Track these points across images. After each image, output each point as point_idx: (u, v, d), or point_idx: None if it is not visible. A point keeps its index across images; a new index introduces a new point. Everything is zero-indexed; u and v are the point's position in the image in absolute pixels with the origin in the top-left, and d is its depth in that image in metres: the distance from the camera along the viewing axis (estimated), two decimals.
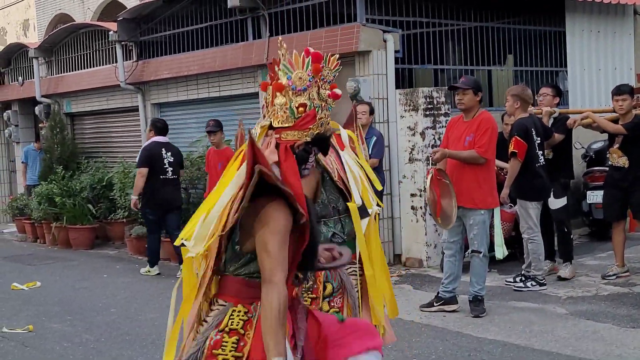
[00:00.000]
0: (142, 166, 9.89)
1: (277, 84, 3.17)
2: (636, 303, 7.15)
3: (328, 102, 3.19)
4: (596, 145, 10.73)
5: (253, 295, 3.05)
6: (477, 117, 7.07)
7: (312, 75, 3.16)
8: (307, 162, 3.17)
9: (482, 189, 6.95)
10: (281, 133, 3.14)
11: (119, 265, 11.04)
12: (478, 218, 6.93)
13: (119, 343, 6.88)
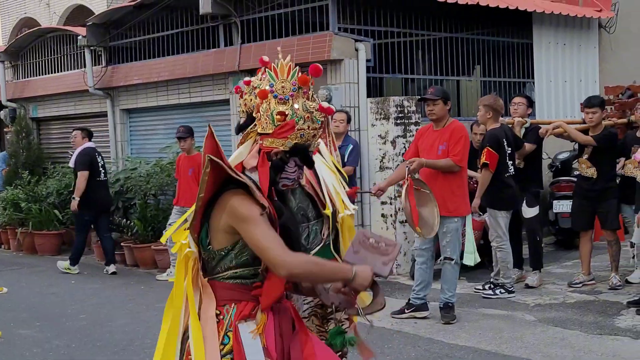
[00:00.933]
0: (84, 169, 10.40)
1: (262, 91, 3.20)
2: (602, 310, 7.29)
3: (314, 115, 3.20)
4: (562, 155, 10.93)
5: (226, 297, 3.08)
6: (448, 125, 7.17)
7: (298, 85, 3.19)
8: (284, 171, 3.20)
9: (456, 197, 7.05)
10: (262, 139, 3.18)
11: (87, 271, 10.94)
12: (451, 226, 7.02)
13: (90, 349, 6.84)
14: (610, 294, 7.88)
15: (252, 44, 10.55)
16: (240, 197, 3.00)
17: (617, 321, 6.92)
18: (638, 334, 6.48)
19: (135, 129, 13.11)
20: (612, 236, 8.21)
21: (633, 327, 6.68)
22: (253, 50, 10.41)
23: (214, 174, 2.99)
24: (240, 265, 3.07)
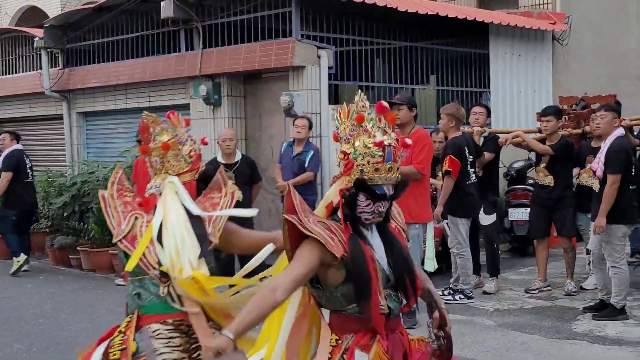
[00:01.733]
0: (9, 170, 10.84)
1: (334, 135, 3.44)
2: (559, 315, 7.47)
3: (372, 150, 3.32)
4: (517, 164, 11.14)
5: (346, 328, 3.33)
6: (413, 133, 7.29)
7: (356, 124, 3.36)
8: (358, 206, 3.34)
9: (418, 204, 7.17)
10: (341, 179, 3.41)
11: (42, 275, 10.82)
12: (413, 232, 7.12)
13: (51, 352, 6.79)
14: (566, 299, 8.08)
15: (214, 49, 10.55)
16: (308, 245, 3.28)
17: (574, 326, 7.10)
18: (595, 339, 6.67)
19: (93, 132, 13.00)
20: (568, 243, 8.42)
21: (590, 332, 6.87)
22: (215, 55, 10.42)
23: (293, 229, 3.27)
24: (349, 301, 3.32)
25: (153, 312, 3.73)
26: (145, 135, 3.91)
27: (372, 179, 3.40)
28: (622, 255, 7.22)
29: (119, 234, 3.71)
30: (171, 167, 3.85)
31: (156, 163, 3.87)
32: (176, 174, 3.85)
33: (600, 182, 7.21)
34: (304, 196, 9.10)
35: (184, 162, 3.85)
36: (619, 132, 7.26)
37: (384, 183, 3.37)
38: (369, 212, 3.37)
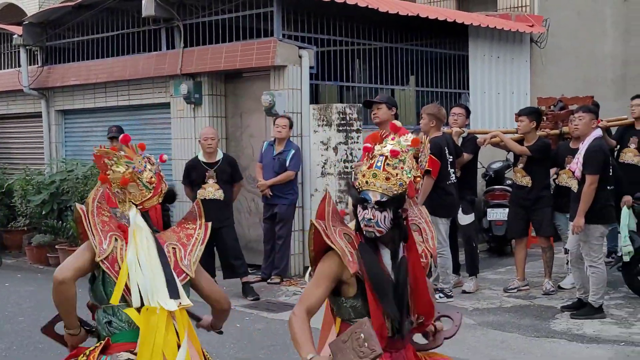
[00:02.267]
0: None
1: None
2: (538, 314, 7.57)
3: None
4: (495, 165, 11.24)
5: None
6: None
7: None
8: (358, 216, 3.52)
9: None
10: None
11: (20, 274, 10.76)
12: None
13: (32, 351, 6.75)
14: (544, 299, 8.17)
15: (195, 48, 10.55)
16: (328, 260, 3.44)
17: (552, 324, 7.20)
18: (573, 337, 6.77)
19: (71, 130, 12.93)
20: (546, 243, 8.51)
21: (568, 330, 6.97)
22: (196, 54, 10.42)
23: (318, 235, 3.45)
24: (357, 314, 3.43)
25: (123, 341, 3.67)
26: (100, 164, 3.86)
27: (360, 185, 3.49)
28: (600, 255, 7.32)
29: (101, 254, 3.61)
30: (133, 197, 3.82)
31: (119, 193, 3.84)
32: (140, 202, 3.82)
33: (579, 183, 7.31)
34: (285, 194, 9.28)
35: (146, 190, 3.83)
36: (597, 133, 7.36)
37: (368, 189, 3.45)
38: (361, 220, 3.46)
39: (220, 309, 4.11)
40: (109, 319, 3.69)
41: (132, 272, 3.63)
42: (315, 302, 3.44)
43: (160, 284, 3.69)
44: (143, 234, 3.76)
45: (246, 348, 6.72)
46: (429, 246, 3.73)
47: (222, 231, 8.44)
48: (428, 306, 3.61)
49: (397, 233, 3.48)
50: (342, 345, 3.19)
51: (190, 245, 3.88)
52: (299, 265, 9.69)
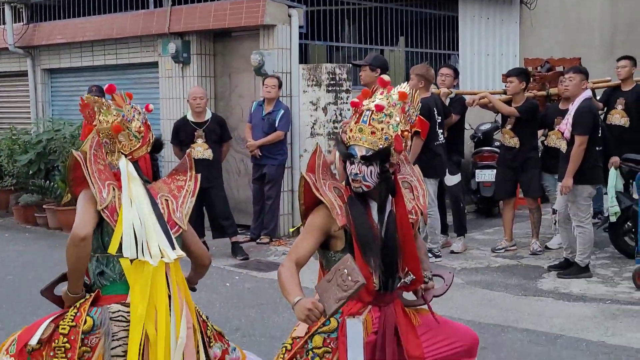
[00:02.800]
0: None
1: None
2: (525, 274, 7.64)
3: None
4: (484, 126, 11.25)
5: None
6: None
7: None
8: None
9: None
10: None
11: (7, 233, 10.74)
12: None
13: (21, 310, 6.75)
14: (532, 258, 8.25)
15: (183, 6, 10.44)
16: (317, 212, 3.49)
17: (539, 284, 7.28)
18: (560, 295, 6.85)
19: (58, 90, 12.82)
20: (534, 204, 8.57)
21: (555, 289, 7.05)
22: (184, 12, 10.31)
23: (308, 188, 3.48)
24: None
25: (114, 293, 3.66)
26: (86, 113, 3.86)
27: (348, 140, 3.50)
28: (587, 215, 7.38)
29: (102, 202, 3.59)
30: (123, 147, 3.80)
31: (107, 144, 3.80)
32: (129, 151, 3.81)
33: (568, 144, 7.33)
34: (274, 155, 9.25)
35: (135, 139, 3.82)
36: (586, 94, 7.37)
37: (355, 144, 3.45)
38: (349, 175, 3.48)
39: (201, 264, 4.12)
40: (102, 269, 3.69)
41: (127, 222, 3.63)
42: (304, 254, 3.46)
43: (159, 235, 3.69)
44: (136, 184, 3.75)
45: (236, 307, 6.76)
46: (420, 204, 3.74)
47: (211, 191, 8.42)
48: (415, 262, 3.63)
49: (384, 187, 3.50)
50: (326, 285, 3.21)
51: (181, 197, 3.87)
52: (288, 225, 9.71)
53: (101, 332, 3.61)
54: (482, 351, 5.30)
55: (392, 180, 3.52)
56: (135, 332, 3.56)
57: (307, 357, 3.46)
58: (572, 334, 5.78)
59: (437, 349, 3.71)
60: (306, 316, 3.17)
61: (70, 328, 3.57)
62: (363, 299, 3.51)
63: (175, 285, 3.71)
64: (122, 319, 3.63)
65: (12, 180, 11.82)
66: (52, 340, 3.58)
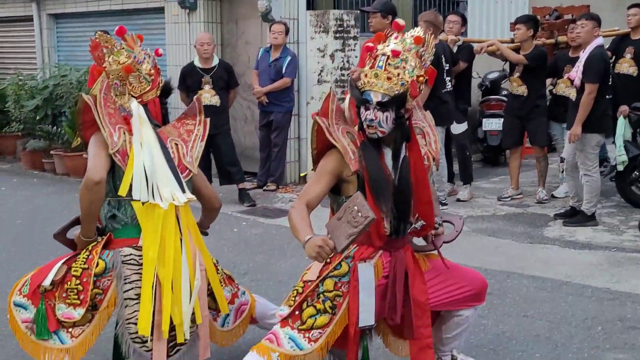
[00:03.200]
0: None
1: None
2: (531, 222, 7.67)
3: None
4: (491, 75, 11.20)
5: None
6: None
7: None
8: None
9: None
10: None
11: (16, 179, 10.79)
12: None
13: (31, 254, 6.81)
14: (538, 207, 8.26)
15: None
16: (329, 157, 3.50)
17: (545, 232, 7.30)
18: (565, 243, 6.88)
19: (64, 35, 12.74)
20: (541, 152, 8.56)
21: (561, 237, 7.08)
22: None
23: (321, 132, 3.49)
24: None
25: (126, 237, 3.70)
26: (96, 54, 3.84)
27: (362, 85, 3.49)
28: (595, 164, 7.36)
29: (113, 146, 3.62)
30: (133, 89, 3.81)
31: (117, 86, 3.80)
32: (139, 94, 3.82)
33: (578, 92, 7.29)
34: (281, 102, 9.22)
35: (145, 82, 3.83)
36: (598, 42, 7.30)
37: (370, 89, 3.44)
38: (364, 121, 3.46)
39: (211, 208, 4.16)
40: (113, 212, 3.72)
41: (138, 164, 3.65)
42: (315, 197, 3.48)
43: (169, 178, 3.70)
44: (147, 127, 3.76)
45: (243, 252, 6.81)
46: (432, 149, 3.75)
47: (218, 138, 8.42)
48: (428, 207, 3.64)
49: (399, 133, 3.49)
50: (337, 223, 3.24)
51: (190, 141, 3.88)
52: (295, 172, 9.73)
53: (113, 275, 3.66)
54: (488, 297, 5.31)
55: (407, 126, 3.52)
56: (147, 275, 3.61)
57: (318, 300, 3.51)
58: (578, 280, 5.82)
59: (446, 293, 3.75)
60: (317, 253, 3.20)
61: (83, 270, 3.63)
62: (374, 243, 3.54)
63: (186, 228, 3.74)
64: (134, 262, 3.67)
65: (19, 125, 11.83)
66: (65, 282, 3.63)
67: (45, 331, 3.61)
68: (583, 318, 5.03)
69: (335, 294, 3.51)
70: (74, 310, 3.61)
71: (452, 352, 4.10)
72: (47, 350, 3.64)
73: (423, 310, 3.62)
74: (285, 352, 3.45)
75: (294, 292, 3.59)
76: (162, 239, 3.63)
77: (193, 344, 3.84)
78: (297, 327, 3.48)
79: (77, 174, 10.50)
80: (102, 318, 3.71)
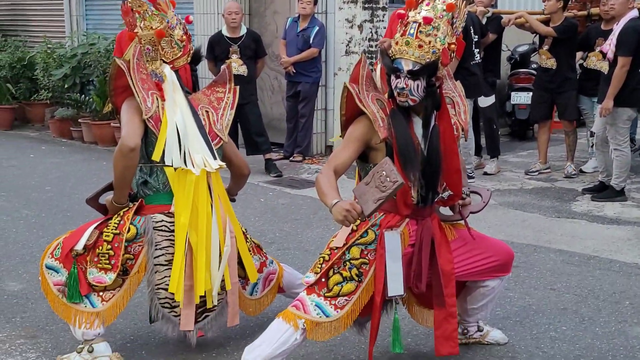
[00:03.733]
0: None
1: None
2: (559, 196, 7.61)
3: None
4: (521, 48, 11.07)
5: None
6: None
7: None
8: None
9: None
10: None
11: (44, 146, 10.87)
12: None
13: (60, 219, 6.89)
14: (566, 181, 8.20)
15: None
16: (358, 123, 3.50)
17: (573, 206, 7.25)
18: (593, 218, 6.83)
19: (92, 3, 12.73)
20: (570, 126, 8.47)
21: (589, 212, 7.02)
22: None
23: (351, 98, 3.49)
24: None
25: (158, 203, 3.73)
26: (128, 20, 3.83)
27: (393, 53, 3.46)
28: (626, 138, 7.28)
29: (147, 112, 3.63)
30: (165, 54, 3.81)
31: (149, 51, 3.80)
32: (170, 60, 3.82)
33: (610, 65, 7.20)
34: (309, 72, 9.19)
35: (177, 48, 3.83)
36: (633, 14, 7.18)
37: (401, 57, 3.41)
38: (394, 89, 3.44)
39: (240, 174, 4.17)
40: (145, 178, 3.74)
41: (171, 130, 3.66)
42: (343, 163, 3.48)
43: (202, 144, 3.71)
44: (179, 93, 3.77)
45: (271, 221, 6.83)
46: (461, 119, 3.73)
47: (245, 107, 8.39)
48: (456, 177, 3.63)
49: (429, 102, 3.48)
50: (365, 188, 3.24)
51: (221, 109, 3.89)
52: (321, 143, 9.72)
53: (144, 240, 3.70)
54: (515, 269, 5.34)
55: (437, 94, 3.50)
56: (179, 241, 3.63)
57: (344, 267, 3.52)
58: (606, 255, 5.79)
59: (472, 263, 3.75)
60: (344, 217, 3.20)
61: (114, 236, 3.66)
62: (401, 212, 3.54)
63: (217, 195, 3.76)
64: (165, 228, 3.70)
65: (48, 94, 11.89)
66: (96, 247, 3.67)
67: (77, 295, 3.65)
68: (611, 292, 5.00)
69: (361, 261, 3.52)
70: (105, 275, 3.65)
71: (478, 323, 4.11)
72: (78, 314, 3.69)
73: (449, 279, 3.63)
74: (312, 319, 3.47)
75: (320, 259, 3.60)
76: (194, 205, 3.65)
77: (221, 312, 3.88)
78: (324, 294, 3.50)
79: (104, 142, 10.58)
80: (133, 283, 3.76)
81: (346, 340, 4.15)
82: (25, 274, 5.35)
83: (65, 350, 4.02)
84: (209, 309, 3.80)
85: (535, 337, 4.30)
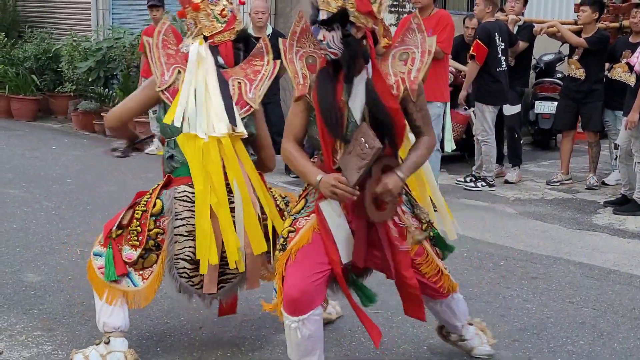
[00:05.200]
0: None
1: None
2: (580, 208, 7.55)
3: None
4: (546, 57, 11.02)
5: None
6: (434, 14, 7.16)
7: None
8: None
9: (439, 83, 7.08)
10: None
11: (67, 138, 10.92)
12: (435, 111, 6.99)
13: (80, 212, 6.91)
14: (587, 193, 8.15)
15: None
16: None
17: (594, 218, 7.19)
18: (615, 231, 6.77)
19: None
20: (594, 138, 8.41)
21: (610, 225, 6.96)
22: None
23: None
24: (314, 146, 3.46)
25: (183, 175, 3.74)
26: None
27: (317, 4, 3.28)
28: None
29: (162, 84, 3.71)
30: (204, 27, 3.85)
31: (191, 25, 3.89)
32: (210, 34, 3.84)
33: (637, 78, 7.13)
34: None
35: (217, 22, 3.85)
36: None
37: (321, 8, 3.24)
38: (322, 45, 3.26)
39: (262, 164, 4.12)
40: (171, 152, 3.79)
41: (184, 96, 3.69)
42: (300, 128, 3.42)
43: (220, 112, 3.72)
44: (206, 64, 3.79)
45: None
46: (409, 77, 3.37)
47: (268, 107, 8.37)
48: (401, 129, 3.38)
49: (346, 53, 3.23)
50: (348, 157, 3.19)
51: (257, 80, 3.90)
52: None
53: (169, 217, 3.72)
54: (534, 281, 5.33)
55: (359, 46, 3.22)
56: (201, 207, 3.65)
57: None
58: (626, 269, 5.72)
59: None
60: (331, 192, 3.18)
61: (142, 212, 3.72)
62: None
63: (235, 158, 3.73)
64: (187, 199, 3.72)
65: (72, 86, 11.96)
66: (129, 225, 3.71)
67: (112, 273, 3.66)
68: (630, 308, 4.94)
69: (288, 230, 3.44)
70: (134, 252, 3.68)
71: (464, 324, 3.97)
72: (121, 293, 3.70)
73: (395, 252, 3.41)
74: None
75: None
76: (207, 170, 3.67)
77: (243, 279, 3.86)
78: None
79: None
80: (166, 257, 3.76)
81: (361, 345, 4.13)
82: (44, 265, 5.36)
83: (82, 343, 4.02)
84: (229, 277, 3.81)
85: (552, 350, 4.25)
